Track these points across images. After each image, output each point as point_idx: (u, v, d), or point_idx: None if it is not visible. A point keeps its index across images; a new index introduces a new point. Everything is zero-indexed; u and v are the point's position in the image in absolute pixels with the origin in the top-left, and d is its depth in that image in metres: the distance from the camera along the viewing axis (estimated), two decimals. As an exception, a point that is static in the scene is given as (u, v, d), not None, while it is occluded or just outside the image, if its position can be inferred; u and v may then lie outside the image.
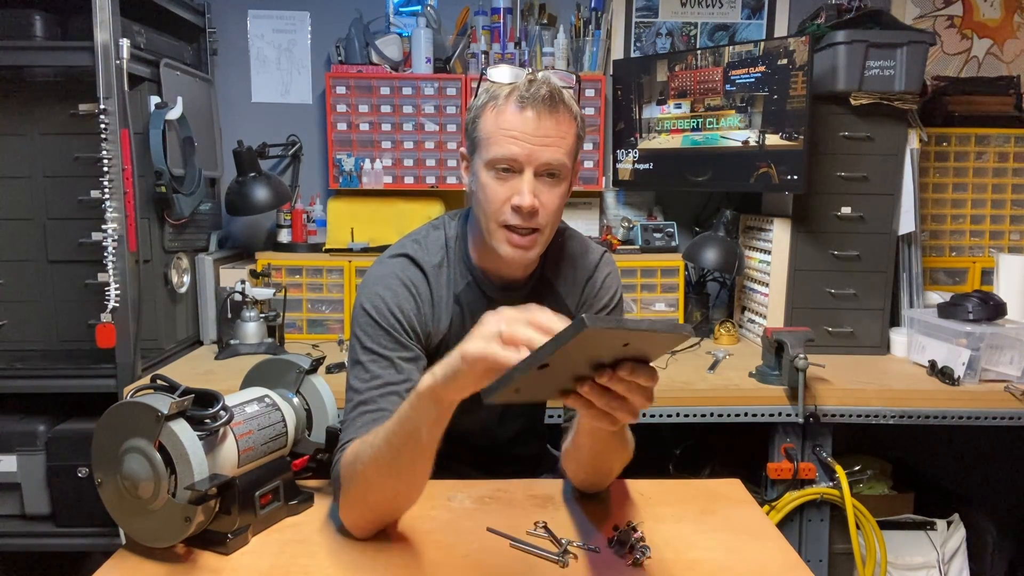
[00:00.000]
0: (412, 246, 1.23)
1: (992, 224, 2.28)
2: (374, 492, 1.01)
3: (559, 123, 1.09)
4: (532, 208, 1.09)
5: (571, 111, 1.12)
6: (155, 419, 0.97)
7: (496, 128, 1.09)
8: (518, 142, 1.08)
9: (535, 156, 1.09)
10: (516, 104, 1.08)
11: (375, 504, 1.03)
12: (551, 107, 1.08)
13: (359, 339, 1.14)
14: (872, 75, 1.98)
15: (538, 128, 1.08)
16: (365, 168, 2.33)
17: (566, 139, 1.11)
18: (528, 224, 1.11)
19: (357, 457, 1.01)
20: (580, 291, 1.28)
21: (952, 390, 1.80)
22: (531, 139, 1.08)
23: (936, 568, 1.95)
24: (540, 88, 1.08)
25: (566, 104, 1.11)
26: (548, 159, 1.09)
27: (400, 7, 2.40)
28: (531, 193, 1.09)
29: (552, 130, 1.09)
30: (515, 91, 1.09)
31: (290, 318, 2.22)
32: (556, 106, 1.09)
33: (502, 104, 1.10)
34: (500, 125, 1.09)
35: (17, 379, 1.82)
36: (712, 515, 1.16)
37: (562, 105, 1.10)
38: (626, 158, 2.39)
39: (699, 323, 2.35)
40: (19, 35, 1.81)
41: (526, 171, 1.09)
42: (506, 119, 1.09)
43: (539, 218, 1.11)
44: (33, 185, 1.94)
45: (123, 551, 1.04)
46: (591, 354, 0.78)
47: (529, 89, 1.08)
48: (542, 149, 1.08)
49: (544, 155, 1.09)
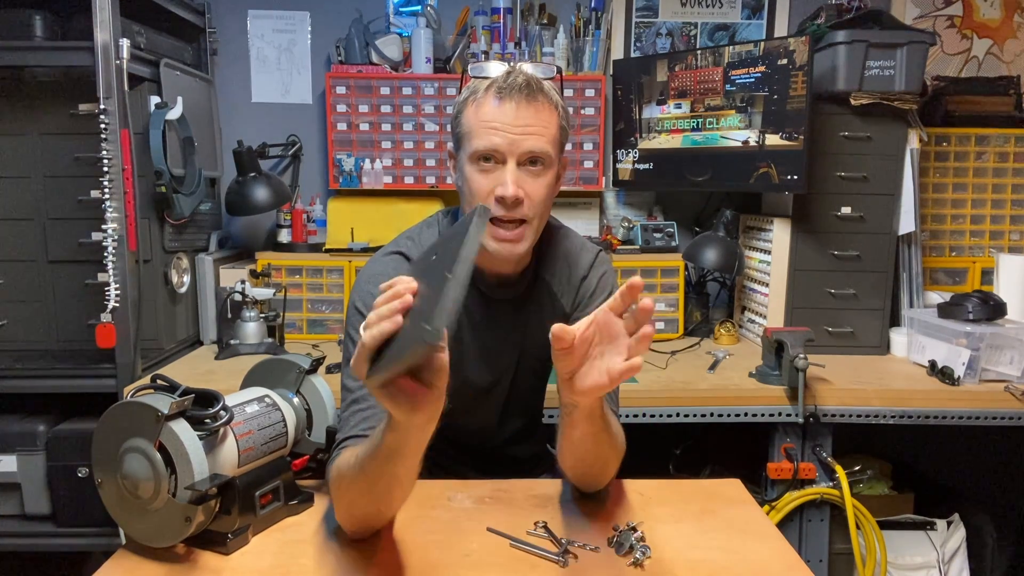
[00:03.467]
0: (406, 243, 1.23)
1: (992, 224, 2.28)
2: (358, 508, 1.01)
3: (539, 112, 1.10)
4: (516, 198, 1.09)
5: (551, 100, 1.12)
6: (155, 419, 0.97)
7: (477, 121, 1.10)
8: (499, 132, 1.09)
9: (516, 146, 1.09)
10: (495, 96, 1.10)
11: (362, 516, 1.03)
12: (529, 96, 1.09)
13: (352, 337, 1.14)
14: (872, 75, 1.98)
15: (517, 117, 1.09)
16: (365, 168, 2.33)
17: (548, 128, 1.11)
18: (513, 215, 1.11)
19: (341, 473, 1.00)
20: (575, 291, 1.28)
21: (952, 390, 1.80)
22: (511, 129, 1.09)
23: (936, 568, 1.95)
24: (517, 78, 1.09)
25: (545, 93, 1.11)
26: (530, 147, 1.10)
27: (400, 7, 2.40)
28: (514, 183, 1.09)
29: (532, 119, 1.09)
30: (493, 84, 1.10)
31: (290, 318, 2.22)
32: (534, 95, 1.10)
33: (481, 97, 1.11)
34: (480, 118, 1.10)
35: (17, 379, 1.82)
36: (712, 515, 1.16)
37: (541, 94, 1.11)
38: (626, 158, 2.39)
39: (699, 323, 2.35)
40: (19, 35, 1.81)
41: (508, 161, 1.10)
42: (486, 111, 1.10)
43: (524, 208, 1.11)
44: (33, 185, 1.94)
45: (123, 551, 1.04)
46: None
47: (507, 80, 1.09)
48: (523, 138, 1.09)
49: (525, 144, 1.09)
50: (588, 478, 1.18)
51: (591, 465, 1.15)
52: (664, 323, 2.29)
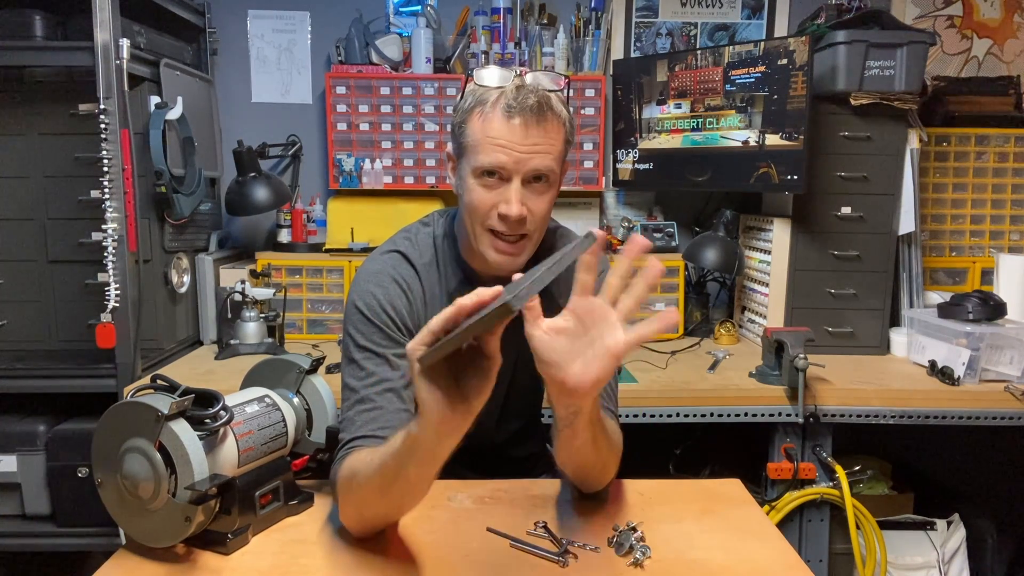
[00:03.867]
0: (404, 243, 1.23)
1: (992, 224, 2.28)
2: (369, 510, 1.02)
3: (547, 131, 1.08)
4: (520, 217, 1.09)
5: (560, 117, 1.10)
6: (155, 419, 0.97)
7: (483, 136, 1.08)
8: (505, 151, 1.07)
9: (523, 164, 1.08)
10: (503, 112, 1.07)
11: (371, 518, 1.04)
12: (539, 116, 1.07)
13: (352, 337, 1.14)
14: (872, 75, 1.98)
15: (526, 137, 1.07)
16: (365, 168, 2.33)
17: (555, 146, 1.10)
18: (515, 232, 1.11)
19: (355, 473, 1.00)
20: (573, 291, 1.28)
21: (952, 390, 1.80)
22: (519, 147, 1.07)
23: (936, 568, 1.95)
24: (528, 97, 1.06)
25: (555, 111, 1.09)
26: (536, 166, 1.08)
27: (400, 7, 2.40)
28: (519, 202, 1.08)
29: (540, 138, 1.08)
30: (502, 98, 1.07)
31: (290, 318, 2.22)
32: (544, 114, 1.07)
33: (489, 111, 1.08)
34: (487, 133, 1.08)
35: (17, 379, 1.82)
36: (712, 515, 1.16)
37: (550, 112, 1.08)
38: (626, 158, 2.39)
39: (699, 323, 2.35)
40: (19, 35, 1.81)
41: (514, 180, 1.08)
42: (493, 127, 1.07)
43: (527, 225, 1.11)
44: (33, 185, 1.94)
45: (123, 551, 1.04)
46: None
47: (517, 97, 1.06)
48: (530, 157, 1.07)
49: (532, 163, 1.08)
50: (589, 480, 1.18)
51: (592, 469, 1.15)
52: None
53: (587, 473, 1.14)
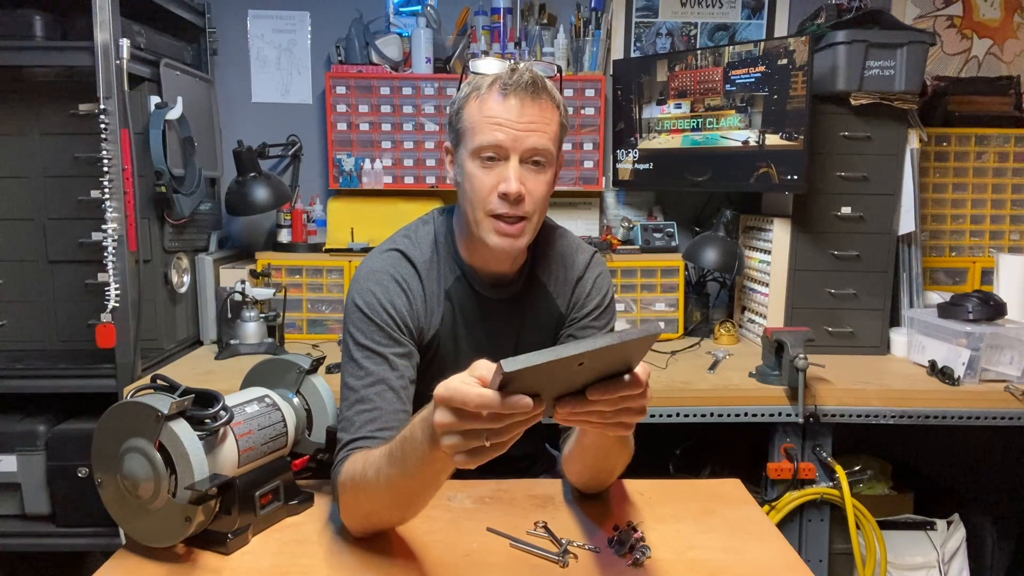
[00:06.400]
0: (404, 241, 1.23)
1: (992, 224, 2.27)
2: (373, 513, 1.02)
3: (543, 109, 1.11)
4: (519, 194, 1.10)
5: (553, 99, 1.13)
6: (155, 419, 0.97)
7: (480, 117, 1.10)
8: (503, 128, 1.09)
9: (520, 142, 1.09)
10: (499, 92, 1.10)
11: (375, 521, 1.04)
12: (534, 93, 1.09)
13: (352, 336, 1.14)
14: (872, 75, 1.98)
15: (522, 114, 1.09)
16: (365, 168, 2.33)
17: (550, 125, 1.12)
18: (515, 212, 1.11)
19: (357, 474, 1.00)
20: (570, 291, 1.28)
21: (952, 390, 1.80)
22: (515, 125, 1.09)
23: (936, 568, 1.95)
24: (522, 75, 1.09)
25: (548, 91, 1.12)
26: (533, 144, 1.10)
27: (400, 7, 2.40)
28: (517, 179, 1.10)
29: (536, 116, 1.10)
30: (497, 80, 1.10)
31: (290, 318, 2.22)
32: (539, 92, 1.10)
33: (485, 93, 1.11)
34: (484, 113, 1.10)
35: (17, 379, 1.82)
36: (712, 515, 1.16)
37: (544, 92, 1.11)
38: (626, 158, 2.39)
39: (699, 323, 2.35)
40: (19, 35, 1.81)
41: (512, 158, 1.10)
42: (490, 107, 1.10)
43: (526, 205, 1.12)
44: (33, 185, 1.94)
45: (123, 551, 1.04)
46: (566, 376, 0.76)
47: (511, 77, 1.09)
48: (527, 135, 1.09)
49: (529, 141, 1.10)
50: (593, 482, 1.19)
51: (599, 471, 1.15)
52: (664, 323, 2.29)
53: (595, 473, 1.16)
